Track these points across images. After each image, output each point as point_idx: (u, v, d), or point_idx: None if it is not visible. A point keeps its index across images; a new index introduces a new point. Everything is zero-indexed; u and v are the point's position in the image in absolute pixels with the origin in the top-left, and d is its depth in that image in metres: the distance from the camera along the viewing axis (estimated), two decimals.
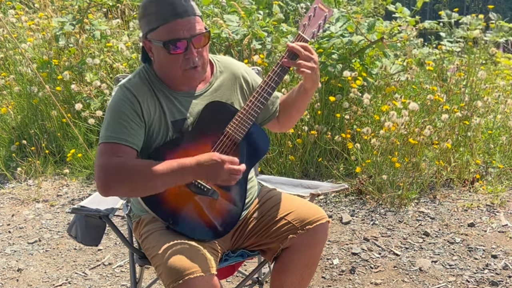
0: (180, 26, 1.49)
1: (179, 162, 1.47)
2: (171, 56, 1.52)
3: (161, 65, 1.59)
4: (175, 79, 1.60)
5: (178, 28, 1.49)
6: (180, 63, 1.54)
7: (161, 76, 1.62)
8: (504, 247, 2.80)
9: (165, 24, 1.49)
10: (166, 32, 1.50)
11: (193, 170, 1.47)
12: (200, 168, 1.46)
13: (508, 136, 3.88)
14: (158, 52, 1.55)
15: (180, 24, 1.49)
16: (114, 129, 1.53)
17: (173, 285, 1.42)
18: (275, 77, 1.61)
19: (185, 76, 1.57)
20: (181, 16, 1.49)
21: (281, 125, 1.86)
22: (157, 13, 1.49)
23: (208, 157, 1.47)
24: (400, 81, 3.96)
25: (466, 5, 37.96)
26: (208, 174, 1.48)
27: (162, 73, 1.61)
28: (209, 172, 1.47)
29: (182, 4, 1.50)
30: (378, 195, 3.36)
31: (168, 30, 1.49)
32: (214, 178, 1.49)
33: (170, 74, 1.59)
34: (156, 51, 1.56)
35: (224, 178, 1.48)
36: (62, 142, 4.18)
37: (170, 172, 1.46)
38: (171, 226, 1.60)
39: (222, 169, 1.46)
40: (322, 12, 1.66)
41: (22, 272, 2.73)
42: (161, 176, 1.46)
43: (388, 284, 2.51)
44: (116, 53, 4.39)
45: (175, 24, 1.49)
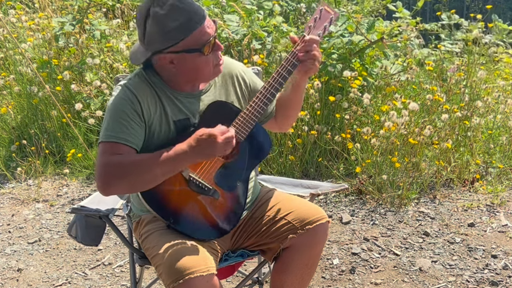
0: (206, 28, 1.51)
1: (173, 149, 1.47)
2: (206, 57, 1.53)
3: (188, 71, 1.57)
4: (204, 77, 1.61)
5: (206, 29, 1.51)
6: (212, 60, 1.56)
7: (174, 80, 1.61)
8: (504, 247, 2.80)
9: (195, 30, 1.48)
10: (198, 37, 1.49)
11: (187, 153, 1.46)
12: (193, 149, 1.45)
13: (508, 136, 3.88)
14: (187, 60, 1.53)
15: (206, 25, 1.51)
16: (114, 129, 1.53)
17: (173, 285, 1.42)
18: (279, 78, 1.61)
19: (215, 71, 1.60)
20: (205, 18, 1.51)
21: (280, 125, 1.85)
22: (183, 24, 1.46)
23: (196, 136, 1.46)
24: (400, 81, 3.96)
25: (466, 5, 37.96)
26: (203, 152, 1.46)
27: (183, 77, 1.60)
28: (203, 149, 1.45)
29: (197, 6, 1.50)
30: (378, 195, 3.36)
31: (201, 34, 1.49)
32: (210, 153, 1.47)
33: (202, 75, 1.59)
34: (182, 60, 1.53)
35: (220, 149, 1.46)
36: (62, 142, 4.18)
37: (166, 160, 1.46)
38: (172, 225, 1.60)
39: (215, 142, 1.44)
40: (328, 14, 1.65)
41: (22, 272, 2.73)
42: (158, 166, 1.46)
43: (388, 284, 2.51)
44: (116, 53, 4.39)
45: (204, 27, 1.50)
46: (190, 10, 1.47)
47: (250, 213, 1.78)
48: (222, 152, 1.47)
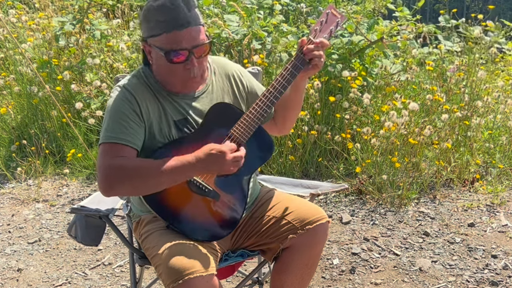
0: (182, 37, 1.49)
1: (179, 160, 1.48)
2: (171, 65, 1.53)
3: (160, 71, 1.59)
4: (173, 85, 1.61)
5: (180, 38, 1.49)
6: (180, 72, 1.55)
7: (159, 79, 1.63)
8: (504, 247, 2.80)
9: (167, 33, 1.49)
10: (168, 41, 1.50)
11: (194, 166, 1.47)
12: (200, 163, 1.46)
13: (508, 136, 3.88)
14: (158, 58, 1.55)
15: (182, 35, 1.49)
16: (114, 129, 1.53)
17: (173, 285, 1.42)
18: (283, 81, 1.60)
19: (183, 85, 1.60)
20: (184, 27, 1.49)
21: (279, 127, 1.84)
22: (160, 21, 1.49)
23: (206, 150, 1.47)
24: (400, 81, 3.96)
25: (466, 5, 37.96)
26: (210, 167, 1.48)
27: (160, 77, 1.62)
28: (211, 164, 1.47)
29: (186, 14, 1.49)
30: (378, 195, 3.36)
31: (170, 40, 1.49)
32: (217, 169, 1.48)
33: (169, 80, 1.60)
34: (155, 57, 1.56)
35: (227, 167, 1.47)
36: (62, 142, 4.18)
37: (171, 171, 1.46)
38: (172, 226, 1.60)
39: (224, 160, 1.46)
40: (335, 17, 1.65)
41: (22, 272, 2.73)
42: (162, 175, 1.46)
43: (388, 284, 2.51)
44: (116, 53, 4.39)
45: (177, 34, 1.49)
46: (174, 14, 1.48)
47: (250, 213, 1.78)
48: (228, 170, 1.48)
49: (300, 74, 1.62)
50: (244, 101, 1.77)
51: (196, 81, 1.60)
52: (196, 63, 1.54)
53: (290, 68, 1.60)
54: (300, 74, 1.62)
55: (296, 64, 1.60)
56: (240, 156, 1.48)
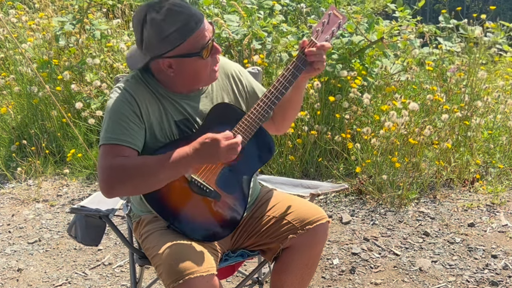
0: (204, 30, 1.50)
1: (177, 152, 1.47)
2: (205, 61, 1.53)
3: (186, 75, 1.57)
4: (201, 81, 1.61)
5: (204, 32, 1.50)
6: (209, 64, 1.56)
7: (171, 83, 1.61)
8: (504, 247, 2.80)
9: (192, 35, 1.48)
10: (196, 41, 1.49)
11: (191, 157, 1.45)
12: (197, 153, 1.45)
13: (508, 136, 3.88)
14: (185, 64, 1.53)
15: (203, 28, 1.50)
16: (114, 130, 1.53)
17: (173, 285, 1.42)
18: (284, 82, 1.60)
19: (212, 75, 1.61)
20: (202, 21, 1.50)
21: (277, 126, 1.84)
22: (181, 28, 1.47)
23: (201, 140, 1.45)
24: (400, 81, 3.96)
25: (466, 5, 37.95)
26: (207, 157, 1.46)
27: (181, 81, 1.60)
28: (208, 154, 1.45)
29: (194, 10, 1.50)
30: (378, 195, 3.36)
31: (199, 38, 1.49)
32: (215, 159, 1.47)
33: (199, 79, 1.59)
34: (180, 64, 1.53)
35: (225, 155, 1.45)
36: (62, 142, 4.18)
37: (169, 164, 1.46)
38: (172, 226, 1.60)
39: (219, 147, 1.44)
40: (337, 19, 1.65)
41: (22, 272, 2.73)
42: (162, 170, 1.46)
43: (388, 284, 2.51)
44: (117, 53, 4.39)
45: (200, 31, 1.49)
46: (187, 14, 1.47)
47: (250, 213, 1.78)
48: (226, 158, 1.47)
49: (301, 74, 1.62)
50: (244, 100, 1.77)
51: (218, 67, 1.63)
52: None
53: (291, 68, 1.60)
54: (301, 75, 1.62)
55: (297, 65, 1.60)
56: (236, 143, 1.45)
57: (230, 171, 1.63)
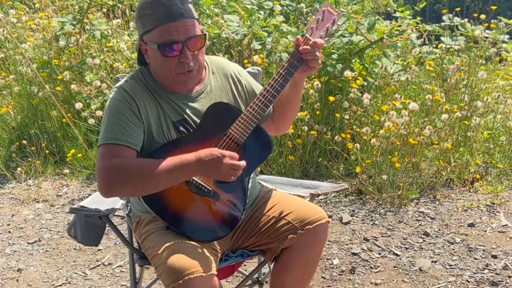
0: (174, 29, 1.49)
1: (179, 159, 1.48)
2: (166, 59, 1.52)
3: (156, 68, 1.59)
4: (169, 82, 1.60)
5: (173, 30, 1.49)
6: (174, 66, 1.54)
7: (157, 78, 1.63)
8: (504, 247, 2.80)
9: (159, 26, 1.49)
10: (160, 34, 1.49)
11: (193, 166, 1.47)
12: (200, 164, 1.47)
13: (508, 136, 3.88)
14: (153, 54, 1.55)
15: (175, 26, 1.49)
16: (113, 130, 1.53)
17: (173, 285, 1.42)
18: (280, 80, 1.60)
19: (178, 80, 1.58)
20: (176, 19, 1.48)
21: (277, 126, 1.84)
22: (152, 14, 1.49)
23: (208, 153, 1.47)
24: (400, 81, 3.96)
25: (466, 5, 37.95)
26: (208, 170, 1.48)
27: (157, 75, 1.62)
28: (210, 167, 1.47)
29: (179, 6, 1.49)
30: (378, 195, 3.36)
31: (163, 33, 1.49)
32: (214, 173, 1.48)
33: (164, 76, 1.59)
34: (151, 53, 1.56)
35: (225, 173, 1.47)
36: (62, 142, 4.18)
37: (171, 170, 1.46)
38: (171, 227, 1.60)
39: (222, 164, 1.46)
40: (331, 15, 1.65)
41: (22, 272, 2.73)
42: (162, 175, 1.46)
43: (388, 284, 2.51)
44: (117, 53, 4.39)
45: (169, 26, 1.49)
46: (166, 6, 1.48)
47: (250, 213, 1.78)
48: (225, 177, 1.49)
49: (297, 72, 1.61)
50: (243, 100, 1.77)
51: (192, 76, 1.58)
52: (191, 57, 1.53)
53: (287, 66, 1.60)
54: (297, 73, 1.62)
55: (292, 62, 1.60)
56: (239, 166, 1.48)
57: None
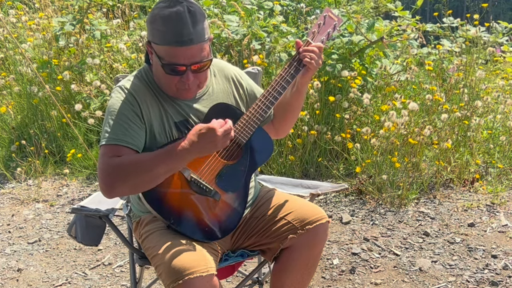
0: (180, 54, 1.49)
1: (173, 146, 1.48)
2: (167, 75, 1.54)
3: (158, 74, 1.60)
4: (167, 90, 1.61)
5: (179, 55, 1.49)
6: (175, 82, 1.56)
7: (157, 82, 1.63)
8: (504, 247, 2.80)
9: (167, 46, 1.49)
10: (166, 54, 1.50)
11: (188, 149, 1.46)
12: (193, 144, 1.46)
13: (508, 136, 3.88)
14: (157, 64, 1.56)
15: (181, 51, 1.49)
16: (114, 131, 1.53)
17: (173, 285, 1.42)
18: (282, 82, 1.61)
19: (178, 94, 1.60)
20: (184, 44, 1.48)
21: (277, 130, 1.85)
22: (163, 32, 1.48)
23: (196, 131, 1.47)
24: (400, 81, 3.96)
25: (466, 5, 37.96)
26: (204, 146, 1.47)
27: (158, 81, 1.62)
28: (204, 144, 1.46)
29: (190, 31, 1.48)
30: (378, 195, 3.36)
31: (169, 53, 1.49)
32: (213, 147, 1.48)
33: (165, 86, 1.60)
34: (155, 61, 1.56)
35: (220, 144, 1.48)
36: (62, 142, 4.18)
37: (167, 158, 1.47)
38: (172, 226, 1.59)
39: (216, 135, 1.45)
40: (332, 20, 1.68)
41: (22, 272, 2.73)
42: (160, 165, 1.47)
43: (388, 284, 2.51)
44: (116, 53, 4.39)
45: (177, 50, 1.49)
46: (177, 29, 1.47)
47: (250, 213, 1.78)
48: (222, 145, 1.49)
49: (299, 75, 1.62)
50: (244, 103, 1.77)
51: (191, 92, 1.60)
52: (192, 77, 1.54)
53: (288, 69, 1.62)
54: (299, 76, 1.63)
55: (294, 65, 1.62)
56: (229, 128, 1.48)
57: (230, 171, 1.64)
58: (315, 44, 1.63)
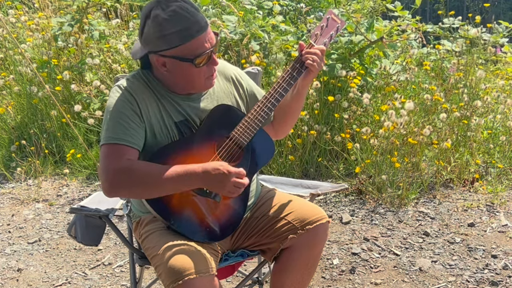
0: (205, 39, 1.51)
1: (186, 168, 1.47)
2: (198, 69, 1.53)
3: (179, 77, 1.58)
4: (196, 88, 1.61)
5: (203, 41, 1.50)
6: (204, 73, 1.56)
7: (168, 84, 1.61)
8: (504, 247, 2.80)
9: (190, 41, 1.48)
10: (192, 48, 1.49)
11: (199, 178, 1.47)
12: (206, 177, 1.46)
13: (508, 136, 3.88)
14: (179, 67, 1.54)
15: (204, 37, 1.50)
16: (114, 130, 1.53)
17: (173, 285, 1.42)
18: (283, 84, 1.61)
19: (207, 84, 1.61)
20: (204, 29, 1.50)
21: (276, 131, 1.84)
22: (179, 30, 1.47)
23: (215, 166, 1.46)
24: (399, 81, 3.96)
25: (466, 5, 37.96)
26: (213, 184, 1.47)
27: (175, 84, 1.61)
28: (215, 181, 1.46)
29: (201, 15, 1.50)
30: (378, 195, 3.36)
31: (195, 46, 1.49)
32: (218, 189, 1.48)
33: (191, 85, 1.60)
34: (174, 66, 1.54)
35: (228, 190, 1.47)
36: (62, 142, 4.18)
37: (177, 178, 1.46)
38: (172, 226, 1.59)
39: (227, 181, 1.45)
40: (335, 23, 1.67)
41: (22, 272, 2.73)
42: (168, 182, 1.47)
43: (388, 284, 2.51)
44: (116, 53, 4.39)
45: (200, 39, 1.49)
46: (191, 19, 1.47)
47: (250, 213, 1.78)
48: (229, 193, 1.49)
49: (300, 77, 1.63)
50: (244, 103, 1.77)
51: (214, 77, 1.62)
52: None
53: (290, 70, 1.62)
54: (301, 78, 1.63)
55: (296, 67, 1.62)
56: (243, 184, 1.47)
57: None
58: (317, 47, 1.63)
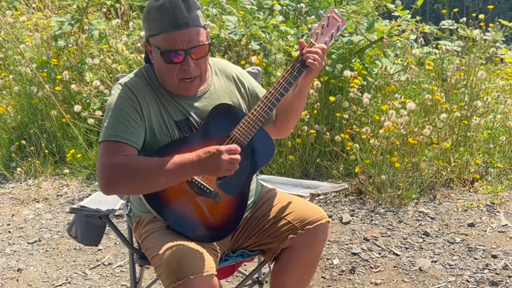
0: (179, 38, 1.50)
1: (180, 158, 1.48)
2: (168, 65, 1.54)
3: (159, 70, 1.60)
4: (172, 86, 1.61)
5: (177, 39, 1.50)
6: (176, 73, 1.55)
7: (160, 79, 1.63)
8: (504, 247, 2.80)
9: (164, 33, 1.50)
10: (164, 41, 1.51)
11: (194, 165, 1.47)
12: (200, 161, 1.47)
13: (508, 136, 3.88)
14: (157, 58, 1.56)
15: (179, 35, 1.50)
16: (114, 127, 1.53)
17: (173, 285, 1.42)
18: (284, 83, 1.61)
19: (180, 86, 1.59)
20: (181, 28, 1.49)
21: (278, 130, 1.85)
22: (158, 20, 1.50)
23: (205, 149, 1.47)
24: (400, 81, 3.95)
25: (466, 5, 37.97)
26: (208, 167, 1.47)
27: (160, 77, 1.62)
28: (209, 164, 1.46)
29: (184, 15, 1.49)
30: (377, 195, 3.36)
31: (167, 40, 1.50)
32: (215, 170, 1.48)
33: (167, 81, 1.60)
34: (155, 56, 1.57)
35: (223, 169, 1.47)
36: (62, 142, 4.18)
37: (171, 169, 1.46)
38: (172, 226, 1.59)
39: (220, 159, 1.45)
40: (336, 21, 1.67)
41: (22, 272, 2.73)
42: (163, 174, 1.47)
43: (388, 284, 2.51)
44: (116, 53, 4.39)
45: (174, 35, 1.50)
46: (172, 15, 1.49)
47: (251, 213, 1.78)
48: (225, 172, 1.48)
49: (301, 76, 1.62)
50: (246, 102, 1.77)
51: (193, 84, 1.60)
52: (192, 64, 1.54)
53: (291, 70, 1.61)
54: (301, 77, 1.63)
55: (297, 66, 1.61)
56: (236, 159, 1.48)
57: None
58: (318, 46, 1.63)
